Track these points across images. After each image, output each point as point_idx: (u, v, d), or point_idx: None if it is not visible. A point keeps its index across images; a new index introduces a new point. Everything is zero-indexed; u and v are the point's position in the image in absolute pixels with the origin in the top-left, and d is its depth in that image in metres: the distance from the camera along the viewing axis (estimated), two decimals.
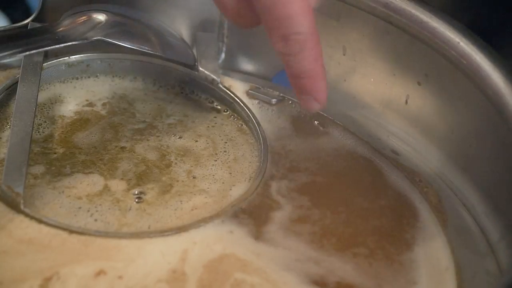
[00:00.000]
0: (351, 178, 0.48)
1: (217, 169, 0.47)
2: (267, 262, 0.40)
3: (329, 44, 0.53)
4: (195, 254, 0.40)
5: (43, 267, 0.38)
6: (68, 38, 0.50)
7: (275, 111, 0.52)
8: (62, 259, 0.39)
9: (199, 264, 0.39)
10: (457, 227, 0.46)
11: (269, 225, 0.43)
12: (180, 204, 0.44)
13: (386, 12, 0.50)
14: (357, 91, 0.54)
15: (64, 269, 0.38)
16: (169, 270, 0.39)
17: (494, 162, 0.46)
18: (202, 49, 0.54)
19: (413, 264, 0.43)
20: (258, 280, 0.39)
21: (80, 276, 0.38)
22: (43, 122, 0.49)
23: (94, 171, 0.45)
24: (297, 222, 0.44)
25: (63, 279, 0.37)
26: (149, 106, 0.51)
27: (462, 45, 0.47)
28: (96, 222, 0.42)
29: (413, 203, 0.47)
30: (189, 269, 0.39)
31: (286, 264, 0.40)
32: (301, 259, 0.41)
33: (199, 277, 0.38)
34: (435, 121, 0.50)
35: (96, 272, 0.38)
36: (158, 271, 0.39)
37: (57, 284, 0.37)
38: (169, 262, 0.39)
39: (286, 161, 0.48)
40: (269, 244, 0.41)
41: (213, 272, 0.39)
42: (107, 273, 0.38)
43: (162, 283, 0.38)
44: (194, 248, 0.40)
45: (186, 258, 0.39)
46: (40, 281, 0.37)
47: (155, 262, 0.39)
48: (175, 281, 0.38)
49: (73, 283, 0.37)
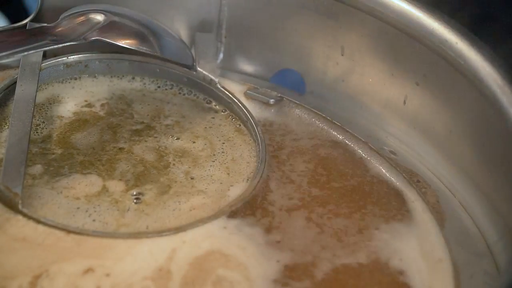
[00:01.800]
0: (349, 178, 0.48)
1: (215, 169, 0.47)
2: (250, 257, 0.40)
3: (327, 44, 0.54)
4: (183, 252, 0.40)
5: (33, 265, 0.39)
6: (67, 38, 0.50)
7: (273, 111, 0.52)
8: (53, 257, 0.39)
9: (185, 262, 0.40)
10: (455, 227, 0.46)
11: (264, 224, 0.43)
12: (179, 204, 0.44)
13: (385, 12, 0.50)
14: (356, 91, 0.54)
15: (54, 266, 0.39)
16: (156, 268, 0.39)
17: (492, 162, 0.46)
18: (200, 50, 0.54)
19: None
20: (238, 277, 0.39)
21: (68, 273, 0.38)
22: (41, 123, 0.49)
23: (92, 172, 0.45)
24: (295, 222, 0.44)
25: (52, 276, 0.38)
26: (147, 107, 0.51)
27: (460, 46, 0.47)
28: (94, 222, 0.42)
29: (411, 203, 0.47)
30: (175, 267, 0.39)
31: (269, 264, 0.40)
32: (289, 257, 0.41)
33: (183, 275, 0.39)
34: (433, 122, 0.50)
35: (84, 270, 0.39)
36: (144, 269, 0.39)
37: (46, 281, 0.38)
38: (156, 261, 0.40)
39: (284, 161, 0.48)
40: (257, 242, 0.42)
41: (197, 269, 0.39)
42: (95, 271, 0.39)
43: (147, 281, 0.38)
44: (183, 247, 0.40)
45: (173, 257, 0.40)
46: (30, 278, 0.38)
47: (143, 260, 0.40)
48: (160, 279, 0.39)
49: (61, 280, 0.38)
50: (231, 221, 0.43)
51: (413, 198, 0.47)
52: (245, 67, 0.57)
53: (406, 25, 0.49)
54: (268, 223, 0.43)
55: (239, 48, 0.57)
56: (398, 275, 0.42)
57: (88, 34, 0.50)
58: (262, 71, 0.56)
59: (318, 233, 0.43)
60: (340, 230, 0.44)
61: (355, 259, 0.42)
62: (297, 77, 0.56)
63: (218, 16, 0.56)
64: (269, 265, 0.40)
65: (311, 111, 0.52)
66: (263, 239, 0.42)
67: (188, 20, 0.56)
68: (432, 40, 0.48)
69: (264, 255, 0.41)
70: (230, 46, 0.57)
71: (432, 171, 0.50)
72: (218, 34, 0.57)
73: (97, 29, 0.51)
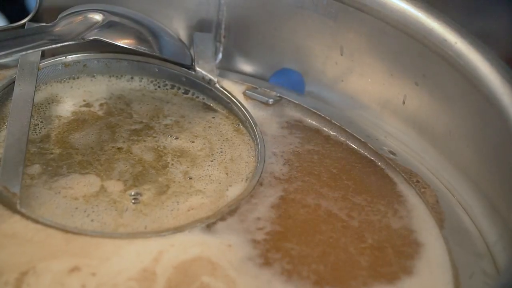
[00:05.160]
0: (348, 178, 0.48)
1: (214, 169, 0.47)
2: (237, 270, 0.40)
3: (326, 44, 0.54)
4: (170, 255, 0.40)
5: (21, 261, 0.38)
6: (65, 38, 0.50)
7: (272, 111, 0.52)
8: (41, 254, 0.39)
9: (170, 265, 0.39)
10: (454, 227, 0.46)
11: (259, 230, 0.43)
12: (177, 204, 0.44)
13: (384, 12, 0.50)
14: (355, 91, 0.54)
15: (41, 264, 0.38)
16: (141, 270, 0.39)
17: (491, 162, 0.46)
18: (199, 49, 0.54)
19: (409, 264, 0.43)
20: (222, 287, 0.39)
21: (55, 271, 0.38)
22: (39, 122, 0.49)
23: (90, 172, 0.45)
24: (294, 221, 0.44)
25: (38, 273, 0.38)
26: (146, 106, 0.51)
27: (459, 46, 0.47)
28: (93, 222, 0.42)
29: (411, 203, 0.47)
30: (160, 269, 0.39)
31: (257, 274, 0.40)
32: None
33: (167, 278, 0.39)
34: (433, 121, 0.50)
35: (70, 269, 0.39)
36: (130, 270, 0.39)
37: (33, 279, 0.38)
38: (142, 262, 0.39)
39: (283, 161, 0.48)
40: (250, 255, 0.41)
41: (182, 274, 0.39)
42: (81, 269, 0.39)
43: (132, 281, 0.38)
44: (170, 250, 0.40)
45: (159, 259, 0.40)
46: (17, 275, 0.38)
47: (129, 261, 0.39)
48: (144, 280, 0.38)
49: (47, 278, 0.38)
50: (221, 225, 0.42)
51: (412, 198, 0.47)
52: (244, 67, 0.57)
53: (405, 25, 0.49)
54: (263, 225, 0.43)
55: (238, 48, 0.57)
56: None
57: (86, 33, 0.50)
58: (261, 71, 0.56)
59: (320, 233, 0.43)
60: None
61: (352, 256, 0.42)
62: (296, 77, 0.56)
63: (217, 16, 0.56)
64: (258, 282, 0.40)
65: (310, 111, 0.52)
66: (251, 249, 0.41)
67: (187, 20, 0.56)
68: (431, 40, 0.48)
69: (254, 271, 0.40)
70: (229, 46, 0.57)
71: (432, 171, 0.50)
72: (217, 34, 0.57)
73: (95, 29, 0.51)
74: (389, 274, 0.42)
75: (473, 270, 0.43)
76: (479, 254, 0.44)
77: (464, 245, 0.45)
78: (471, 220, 0.47)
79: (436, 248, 0.44)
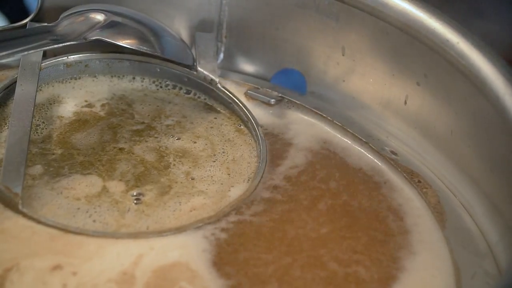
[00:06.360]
0: (349, 178, 0.48)
1: (216, 170, 0.47)
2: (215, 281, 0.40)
3: (328, 44, 0.53)
4: (149, 259, 0.40)
5: (6, 258, 0.39)
6: (67, 38, 0.50)
7: (273, 111, 0.52)
8: (25, 251, 0.39)
9: (149, 269, 0.39)
10: (456, 227, 0.46)
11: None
12: (179, 205, 0.44)
13: (386, 12, 0.50)
14: (356, 91, 0.54)
15: (25, 261, 0.39)
16: (120, 272, 0.39)
17: (493, 162, 0.46)
18: (201, 49, 0.54)
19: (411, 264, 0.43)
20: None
21: (37, 269, 0.38)
22: (41, 123, 0.49)
23: (92, 172, 0.45)
24: (294, 222, 0.44)
25: (22, 270, 0.38)
26: (148, 107, 0.51)
27: (461, 46, 0.47)
28: (95, 223, 0.42)
29: (412, 203, 0.47)
30: (139, 272, 0.39)
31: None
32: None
33: (146, 282, 0.39)
34: (434, 122, 0.50)
35: (53, 267, 0.39)
36: (110, 271, 0.39)
37: (16, 275, 0.38)
38: (122, 264, 0.39)
39: (284, 161, 0.48)
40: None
41: (160, 278, 0.39)
42: (63, 268, 0.39)
43: (111, 283, 0.38)
44: (150, 253, 0.40)
45: (138, 262, 0.40)
46: (1, 271, 0.38)
47: (110, 262, 0.39)
48: (124, 282, 0.39)
49: (30, 275, 0.38)
50: (214, 230, 0.42)
51: (414, 198, 0.47)
52: (245, 67, 0.57)
53: (407, 25, 0.49)
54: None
55: (239, 48, 0.57)
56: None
57: (88, 33, 0.50)
58: (262, 71, 0.56)
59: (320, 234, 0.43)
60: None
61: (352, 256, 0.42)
62: (298, 77, 0.56)
63: (219, 16, 0.56)
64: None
65: (312, 111, 0.52)
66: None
67: (188, 20, 0.56)
68: (433, 40, 0.48)
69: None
70: (231, 46, 0.57)
71: (433, 171, 0.50)
72: (219, 34, 0.56)
73: (97, 29, 0.50)
74: (390, 274, 0.42)
75: (475, 270, 0.43)
76: (481, 254, 0.44)
77: (465, 245, 0.45)
78: (473, 220, 0.47)
79: (438, 248, 0.44)
